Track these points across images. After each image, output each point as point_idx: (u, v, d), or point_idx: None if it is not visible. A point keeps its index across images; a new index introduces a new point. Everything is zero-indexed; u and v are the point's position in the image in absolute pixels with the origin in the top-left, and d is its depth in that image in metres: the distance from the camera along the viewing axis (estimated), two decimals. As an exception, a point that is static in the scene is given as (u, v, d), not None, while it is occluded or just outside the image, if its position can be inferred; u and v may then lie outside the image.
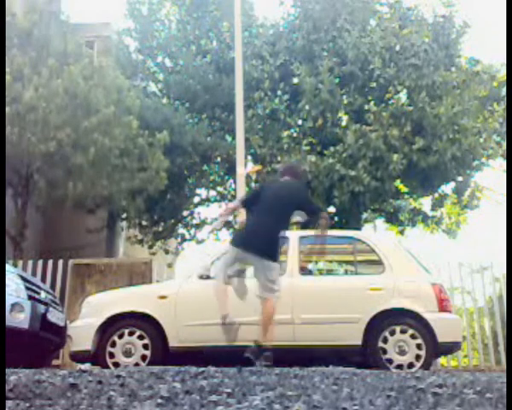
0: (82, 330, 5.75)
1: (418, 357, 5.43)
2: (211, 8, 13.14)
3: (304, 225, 9.78)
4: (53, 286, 8.57)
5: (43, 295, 5.76)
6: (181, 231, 13.48)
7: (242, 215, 9.28)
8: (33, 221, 10.94)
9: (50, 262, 9.16)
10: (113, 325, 5.66)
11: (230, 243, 5.12)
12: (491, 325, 9.26)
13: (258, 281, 4.88)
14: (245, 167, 10.14)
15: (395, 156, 10.71)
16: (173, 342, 5.59)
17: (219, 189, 13.54)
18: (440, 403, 2.45)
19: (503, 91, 12.50)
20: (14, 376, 2.96)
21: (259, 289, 4.84)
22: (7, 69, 8.64)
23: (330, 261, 6.81)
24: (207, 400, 2.42)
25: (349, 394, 2.65)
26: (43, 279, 8.67)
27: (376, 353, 5.45)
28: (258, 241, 4.85)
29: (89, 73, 9.68)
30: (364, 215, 13.02)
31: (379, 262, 5.93)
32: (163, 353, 5.55)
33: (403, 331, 5.51)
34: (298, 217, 5.37)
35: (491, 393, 2.68)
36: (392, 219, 13.18)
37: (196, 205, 13.57)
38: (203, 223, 13.32)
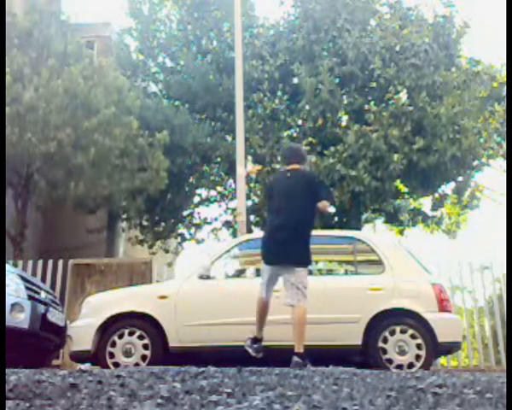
0: (82, 330, 5.75)
1: (418, 357, 5.43)
2: (211, 8, 13.15)
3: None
4: (53, 286, 8.57)
5: (43, 295, 5.77)
6: (181, 230, 13.48)
7: (242, 216, 9.29)
8: (33, 221, 10.95)
9: (50, 262, 9.16)
10: (113, 325, 5.66)
11: (263, 260, 4.88)
12: (491, 324, 9.26)
13: (286, 288, 4.75)
14: (245, 167, 10.14)
15: (395, 156, 10.70)
16: (173, 342, 5.60)
17: (219, 189, 13.53)
18: (440, 403, 2.45)
19: (504, 92, 12.50)
20: (14, 376, 2.96)
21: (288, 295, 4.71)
22: (7, 69, 8.64)
23: (330, 261, 6.81)
24: (207, 400, 2.42)
25: (349, 394, 2.64)
26: (43, 279, 8.67)
27: (376, 353, 5.45)
28: (286, 249, 4.66)
29: (89, 73, 9.68)
30: (364, 215, 13.02)
31: (379, 262, 5.93)
32: (163, 353, 5.55)
33: (403, 331, 5.51)
34: None
35: (491, 393, 2.68)
36: (392, 219, 13.18)
37: (196, 205, 13.57)
38: (203, 222, 13.34)
